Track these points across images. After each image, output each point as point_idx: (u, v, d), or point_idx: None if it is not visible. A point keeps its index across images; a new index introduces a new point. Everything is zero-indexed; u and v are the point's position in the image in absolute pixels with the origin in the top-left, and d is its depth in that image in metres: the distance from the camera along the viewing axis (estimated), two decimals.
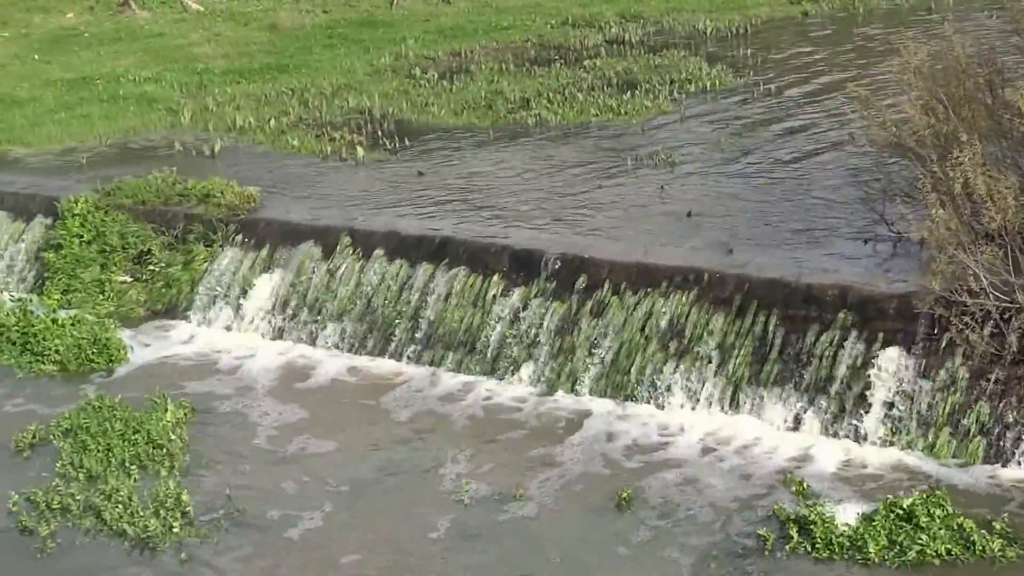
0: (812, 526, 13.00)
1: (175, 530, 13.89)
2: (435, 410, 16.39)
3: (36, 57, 33.94)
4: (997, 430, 14.19)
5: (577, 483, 14.51)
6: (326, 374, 17.53)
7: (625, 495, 14.00)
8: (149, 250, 20.10)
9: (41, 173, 22.90)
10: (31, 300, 19.70)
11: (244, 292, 19.05)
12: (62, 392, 17.44)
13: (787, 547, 12.92)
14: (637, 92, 25.18)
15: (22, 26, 38.46)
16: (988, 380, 14.33)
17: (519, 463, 14.99)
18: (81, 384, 17.63)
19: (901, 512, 13.03)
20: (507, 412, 16.20)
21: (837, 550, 12.79)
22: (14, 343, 18.60)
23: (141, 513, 14.10)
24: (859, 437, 14.72)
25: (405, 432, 15.93)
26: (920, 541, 12.73)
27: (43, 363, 18.16)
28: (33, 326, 18.63)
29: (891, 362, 14.78)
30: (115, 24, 37.84)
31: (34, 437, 15.99)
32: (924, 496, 13.21)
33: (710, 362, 15.74)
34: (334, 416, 16.45)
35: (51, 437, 15.93)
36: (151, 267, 20.04)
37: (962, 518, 12.92)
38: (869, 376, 14.81)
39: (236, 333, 18.87)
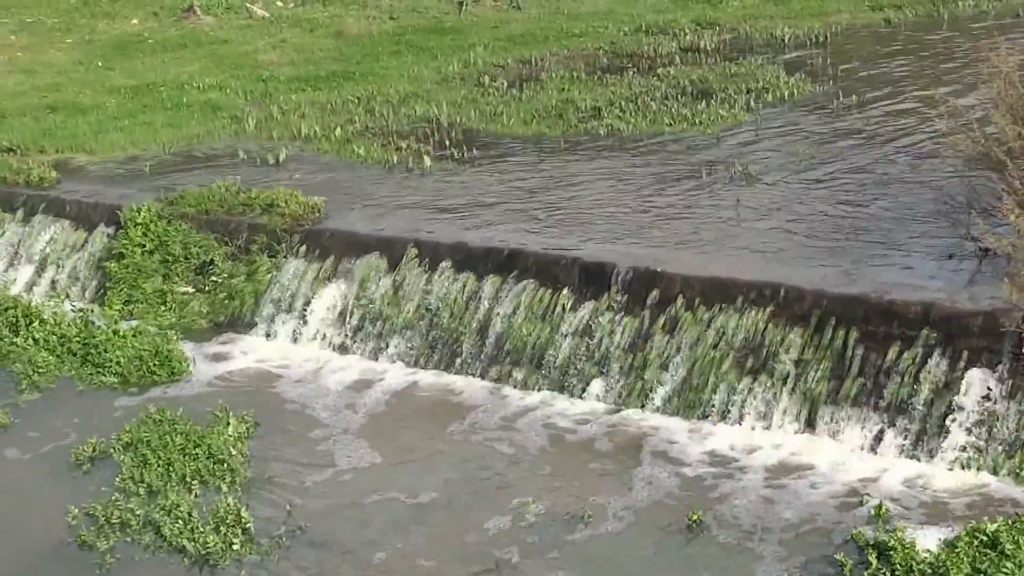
0: (892, 552, 12.54)
1: (235, 547, 13.68)
2: (501, 426, 16.07)
3: (100, 64, 33.89)
4: None
5: (647, 504, 14.16)
6: (390, 389, 17.23)
7: (696, 517, 13.63)
8: (212, 260, 19.87)
9: (103, 181, 22.75)
10: (92, 311, 19.57)
11: (308, 304, 18.77)
12: (122, 405, 17.23)
13: (865, 573, 12.48)
14: (712, 101, 24.75)
15: (86, 32, 38.52)
16: None
17: (587, 482, 14.66)
18: (142, 397, 17.41)
19: (985, 538, 12.53)
20: (575, 429, 15.85)
21: None
22: (75, 354, 18.43)
23: (201, 529, 13.90)
24: (941, 459, 14.23)
25: (471, 449, 15.64)
26: (1005, 569, 12.19)
27: (104, 375, 17.95)
28: (94, 337, 18.48)
29: (975, 381, 14.30)
30: (180, 31, 37.81)
31: (94, 450, 15.82)
32: (1009, 522, 12.71)
33: (786, 380, 15.32)
34: (398, 432, 16.16)
35: (111, 451, 15.75)
36: (214, 278, 19.80)
37: None
38: (952, 396, 14.34)
39: (299, 346, 18.61)
